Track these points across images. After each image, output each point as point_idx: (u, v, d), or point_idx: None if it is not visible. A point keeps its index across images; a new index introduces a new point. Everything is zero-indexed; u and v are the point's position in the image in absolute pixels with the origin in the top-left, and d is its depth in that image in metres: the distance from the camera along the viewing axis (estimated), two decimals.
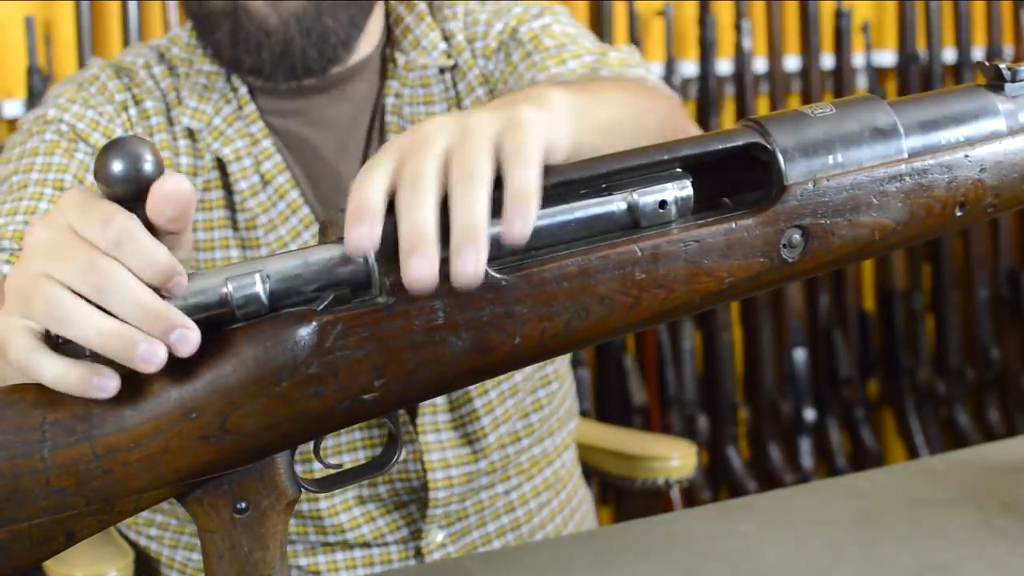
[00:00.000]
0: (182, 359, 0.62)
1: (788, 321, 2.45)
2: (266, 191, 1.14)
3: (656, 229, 0.67)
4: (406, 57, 1.19)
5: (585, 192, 0.67)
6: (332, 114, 1.17)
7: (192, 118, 1.15)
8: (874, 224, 0.70)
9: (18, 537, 0.62)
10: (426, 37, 1.20)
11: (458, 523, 1.18)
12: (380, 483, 1.15)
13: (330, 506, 1.14)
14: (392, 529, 1.16)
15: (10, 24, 1.96)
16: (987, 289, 2.62)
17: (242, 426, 0.63)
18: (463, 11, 1.21)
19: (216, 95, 1.16)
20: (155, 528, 1.21)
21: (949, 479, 0.98)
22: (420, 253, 0.60)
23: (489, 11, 1.21)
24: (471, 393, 1.16)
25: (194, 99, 1.16)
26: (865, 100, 0.71)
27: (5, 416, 0.61)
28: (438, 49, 1.19)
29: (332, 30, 1.11)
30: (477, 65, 1.19)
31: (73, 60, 1.98)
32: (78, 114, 1.12)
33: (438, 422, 1.16)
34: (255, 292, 0.62)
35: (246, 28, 1.09)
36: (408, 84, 1.18)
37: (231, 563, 0.65)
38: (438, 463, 1.15)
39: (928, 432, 2.59)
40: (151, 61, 1.18)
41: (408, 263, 0.60)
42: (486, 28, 1.20)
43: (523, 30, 1.18)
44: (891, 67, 2.58)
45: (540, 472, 1.23)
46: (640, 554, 0.88)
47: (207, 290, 0.62)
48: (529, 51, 1.16)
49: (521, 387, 1.19)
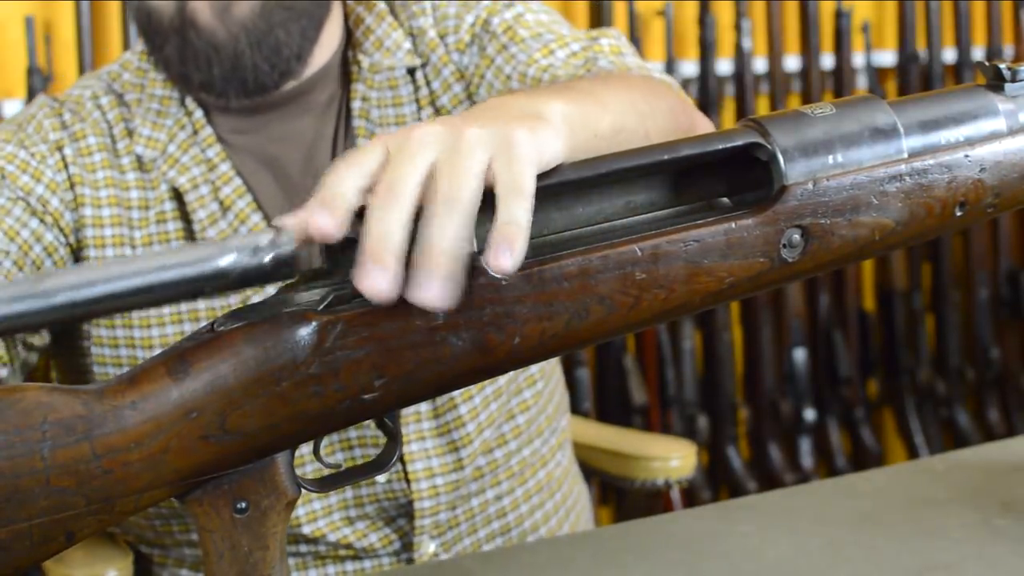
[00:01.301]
0: (182, 358, 0.62)
1: (788, 321, 2.45)
2: (226, 218, 1.12)
3: (656, 229, 0.67)
4: (370, 59, 1.16)
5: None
6: (294, 128, 1.15)
7: (146, 147, 1.12)
8: (874, 224, 0.70)
9: (18, 537, 0.62)
10: (388, 37, 1.17)
11: (449, 532, 1.17)
12: (367, 502, 1.14)
13: (314, 529, 1.13)
14: (384, 544, 1.15)
15: (10, 24, 1.96)
16: (987, 289, 2.62)
17: (242, 426, 0.63)
18: (430, 7, 1.18)
19: (170, 120, 1.13)
20: (157, 527, 1.20)
21: (949, 479, 0.98)
22: (381, 265, 0.57)
23: (457, 4, 1.18)
24: (456, 399, 1.14)
25: (147, 127, 1.13)
26: (865, 100, 0.71)
27: (5, 416, 0.61)
28: (403, 49, 1.16)
29: (284, 43, 1.07)
30: (452, 60, 1.16)
31: (73, 60, 1.98)
32: (10, 155, 1.10)
33: (422, 430, 1.14)
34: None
35: (194, 44, 1.05)
36: (375, 87, 1.15)
37: (231, 563, 0.65)
38: (422, 472, 1.13)
39: (928, 432, 2.59)
40: (98, 92, 1.16)
41: (365, 272, 0.58)
42: (456, 22, 1.17)
43: (495, 21, 1.15)
44: (891, 67, 2.58)
45: (533, 475, 1.22)
46: (640, 554, 0.88)
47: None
48: (504, 43, 1.14)
49: (505, 389, 1.18)
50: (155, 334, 1.12)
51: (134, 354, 1.12)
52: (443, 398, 1.14)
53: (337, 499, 1.13)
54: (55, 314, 0.59)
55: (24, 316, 0.59)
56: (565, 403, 1.30)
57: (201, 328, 0.65)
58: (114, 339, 1.12)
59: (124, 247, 1.11)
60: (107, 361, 1.13)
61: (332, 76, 1.16)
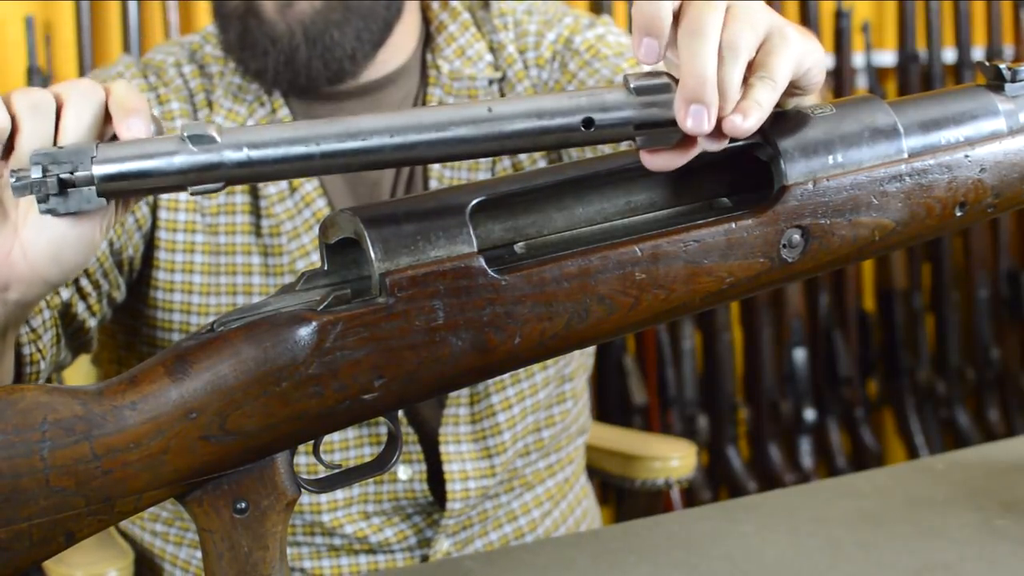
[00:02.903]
0: (182, 359, 0.62)
1: (788, 321, 2.45)
2: (293, 198, 1.14)
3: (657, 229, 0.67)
4: (450, 65, 1.18)
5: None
6: None
7: (227, 119, 1.15)
8: (874, 224, 0.70)
9: (18, 537, 0.62)
10: (472, 47, 1.19)
11: (463, 532, 1.18)
12: (386, 499, 1.15)
13: (333, 518, 1.14)
14: (399, 539, 1.16)
15: (10, 24, 1.96)
16: (987, 289, 2.62)
17: (242, 426, 0.63)
18: (513, 22, 1.21)
19: (251, 96, 1.16)
20: (160, 524, 1.21)
21: (949, 479, 0.98)
22: (705, 105, 0.62)
23: (538, 22, 1.20)
24: (495, 407, 1.16)
25: (229, 100, 1.16)
26: (865, 100, 0.71)
27: (5, 416, 0.61)
28: (484, 60, 1.18)
29: (338, 43, 1.10)
30: (529, 76, 1.19)
31: (73, 60, 1.98)
32: None
33: (460, 434, 1.15)
34: None
35: (254, 33, 1.09)
36: (453, 93, 1.17)
37: (231, 563, 0.65)
38: (457, 474, 1.15)
39: (928, 432, 2.59)
40: (181, 60, 1.18)
41: (688, 111, 0.62)
42: (537, 39, 1.19)
43: (578, 40, 1.18)
44: (891, 67, 2.58)
45: (542, 483, 1.23)
46: (641, 554, 0.88)
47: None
48: (587, 60, 1.16)
49: (542, 404, 1.19)
50: (211, 303, 1.13)
51: (187, 320, 1.14)
52: (481, 404, 1.16)
53: (360, 491, 1.14)
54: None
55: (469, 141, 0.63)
56: (588, 424, 1.32)
57: (201, 328, 0.65)
58: (169, 303, 1.14)
59: (195, 212, 1.13)
60: (158, 324, 1.14)
61: (409, 75, 1.18)
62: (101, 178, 0.62)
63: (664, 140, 0.64)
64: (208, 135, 0.62)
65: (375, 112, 0.64)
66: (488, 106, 0.63)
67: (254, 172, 0.62)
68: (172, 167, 0.62)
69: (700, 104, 0.62)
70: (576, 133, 0.64)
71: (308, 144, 0.62)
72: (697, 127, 0.62)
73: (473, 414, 1.15)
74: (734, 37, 0.64)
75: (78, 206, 0.63)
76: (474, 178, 1.16)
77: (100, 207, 0.63)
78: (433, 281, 0.63)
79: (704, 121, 0.62)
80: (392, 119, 0.63)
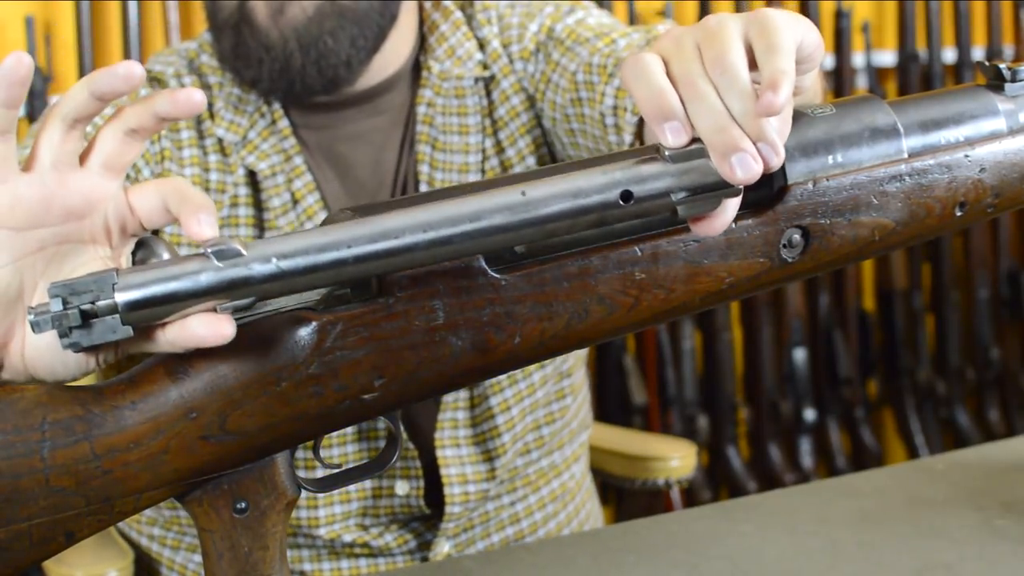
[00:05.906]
0: (181, 359, 0.62)
1: (788, 321, 2.44)
2: (296, 210, 1.13)
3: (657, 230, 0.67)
4: (441, 66, 1.17)
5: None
6: (365, 129, 1.16)
7: (228, 130, 1.14)
8: (874, 224, 0.70)
9: (18, 537, 0.62)
10: (462, 46, 1.18)
11: (464, 534, 1.18)
12: (383, 514, 1.15)
13: (330, 531, 1.13)
14: (400, 543, 1.16)
15: (10, 24, 1.96)
16: (987, 289, 2.62)
17: (242, 426, 0.63)
18: (496, 16, 1.20)
19: (251, 107, 1.15)
20: (158, 528, 1.20)
21: (949, 479, 0.98)
22: (740, 150, 0.60)
23: (520, 13, 1.20)
24: (494, 409, 1.15)
25: (229, 111, 1.15)
26: (865, 100, 0.71)
27: (5, 416, 0.61)
28: (474, 59, 1.18)
29: (332, 50, 1.09)
30: (514, 71, 1.18)
31: (73, 60, 1.98)
32: None
33: (458, 437, 1.15)
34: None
35: (247, 41, 1.08)
36: (442, 93, 1.17)
37: (231, 563, 0.65)
38: (456, 478, 1.14)
39: (928, 432, 2.59)
40: (181, 71, 1.17)
41: (735, 163, 0.60)
42: (520, 31, 1.19)
43: (559, 28, 1.17)
44: (891, 67, 2.58)
45: (547, 484, 1.23)
46: (641, 554, 0.88)
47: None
48: (569, 46, 1.15)
49: (540, 402, 1.19)
50: None
51: None
52: (480, 408, 1.16)
53: (358, 505, 1.14)
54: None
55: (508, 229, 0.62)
56: (589, 419, 1.31)
57: None
58: None
59: None
60: None
61: (406, 79, 1.18)
62: (125, 306, 0.58)
63: (707, 206, 0.62)
64: (233, 248, 0.59)
65: (401, 208, 0.61)
66: (521, 189, 0.61)
67: (286, 284, 0.59)
68: (199, 286, 0.58)
69: (739, 152, 0.60)
70: (615, 209, 0.62)
71: (340, 249, 0.59)
72: (747, 173, 0.60)
73: (472, 417, 1.15)
74: (721, 69, 0.62)
75: (102, 337, 0.59)
76: (465, 179, 1.16)
77: (126, 336, 0.59)
78: (433, 280, 0.64)
79: (751, 164, 0.60)
80: (424, 214, 0.61)
